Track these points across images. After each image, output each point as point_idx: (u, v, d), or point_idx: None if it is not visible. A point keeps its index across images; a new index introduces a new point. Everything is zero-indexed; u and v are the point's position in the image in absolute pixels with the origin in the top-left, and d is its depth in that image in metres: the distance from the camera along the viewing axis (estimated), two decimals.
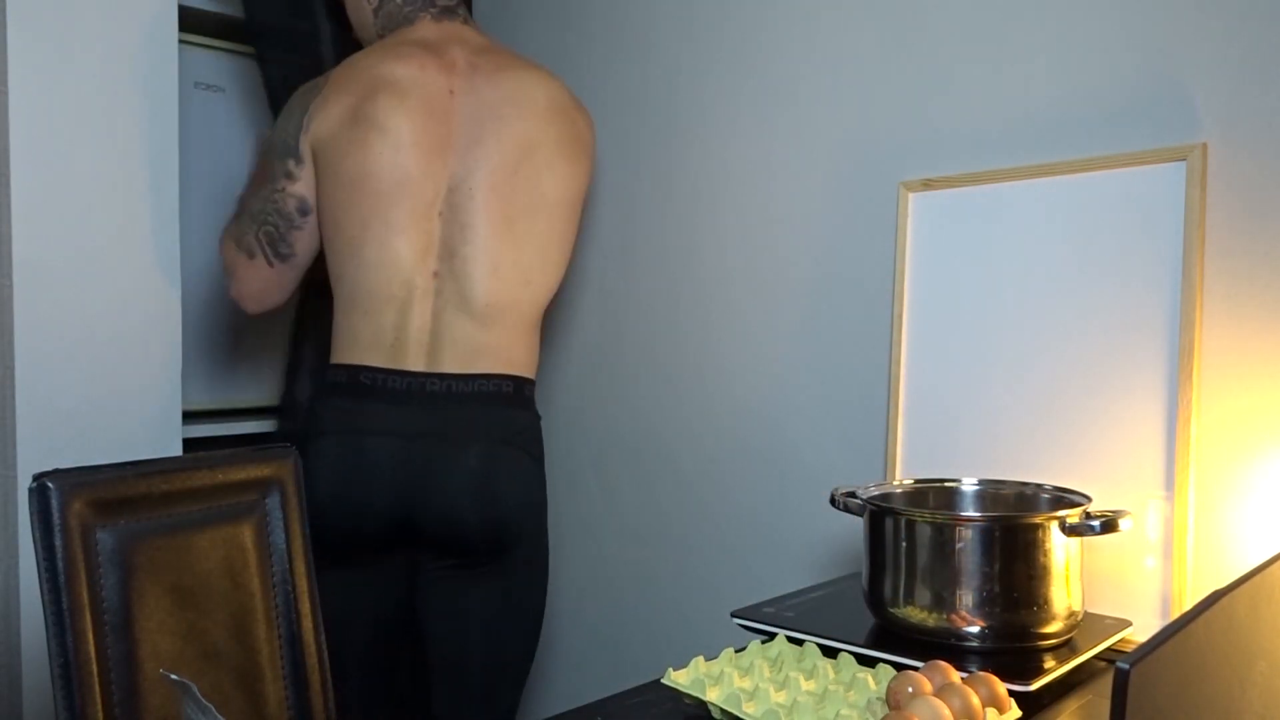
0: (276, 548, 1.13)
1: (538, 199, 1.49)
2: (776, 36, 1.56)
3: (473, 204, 1.46)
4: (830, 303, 1.50)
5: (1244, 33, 1.12)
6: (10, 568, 1.38)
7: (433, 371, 1.45)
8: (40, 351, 1.40)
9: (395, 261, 1.43)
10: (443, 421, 1.44)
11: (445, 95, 1.48)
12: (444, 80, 1.49)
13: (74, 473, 0.96)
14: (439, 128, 1.46)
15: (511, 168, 1.47)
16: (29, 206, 1.39)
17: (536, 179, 1.49)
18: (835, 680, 0.93)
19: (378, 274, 1.44)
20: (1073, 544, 1.00)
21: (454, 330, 1.45)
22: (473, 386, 1.46)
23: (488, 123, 1.48)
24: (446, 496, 1.44)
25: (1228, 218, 1.13)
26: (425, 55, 1.50)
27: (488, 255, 1.45)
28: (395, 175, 1.43)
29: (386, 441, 1.43)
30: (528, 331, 1.52)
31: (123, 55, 1.47)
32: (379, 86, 1.46)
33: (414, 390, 1.44)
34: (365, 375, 1.45)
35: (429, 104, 1.46)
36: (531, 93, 1.51)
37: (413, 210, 1.44)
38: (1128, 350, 1.18)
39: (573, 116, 1.55)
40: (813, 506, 1.52)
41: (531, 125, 1.49)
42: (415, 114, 1.45)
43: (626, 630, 1.80)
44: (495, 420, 1.46)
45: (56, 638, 0.92)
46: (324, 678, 1.15)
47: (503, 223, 1.46)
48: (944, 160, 1.37)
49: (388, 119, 1.44)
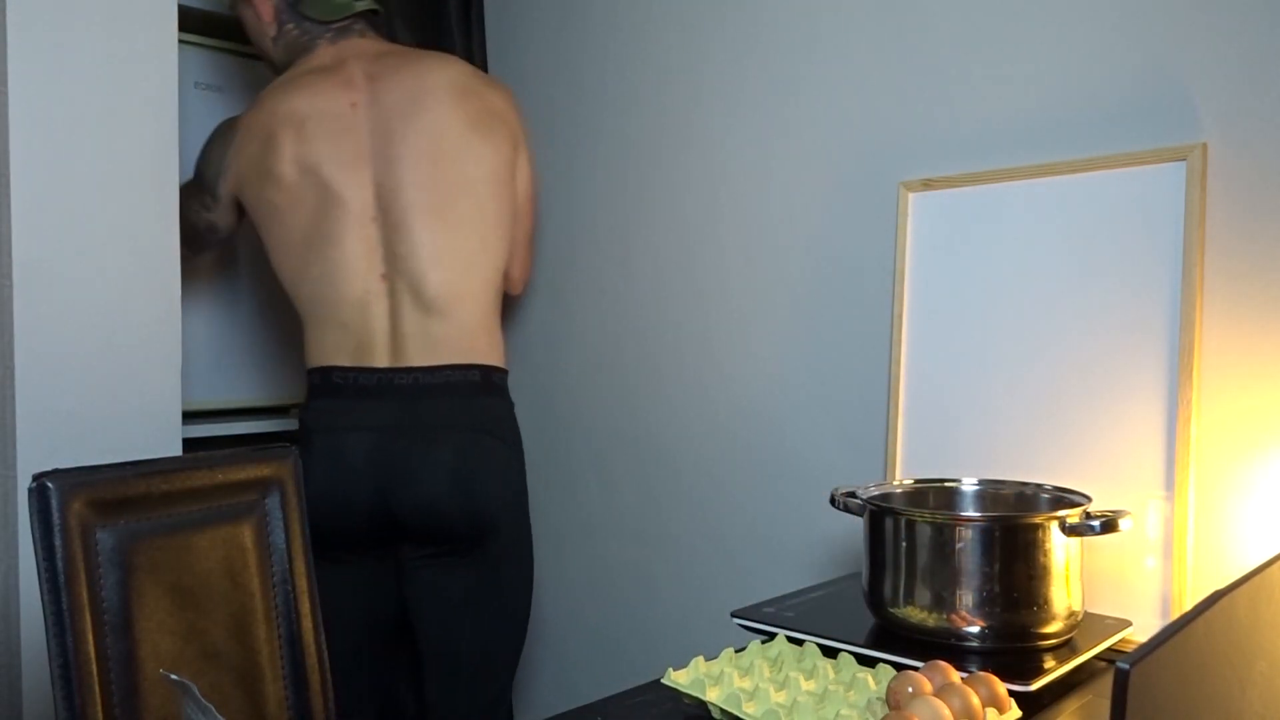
0: (276, 548, 1.13)
1: (461, 184, 1.53)
2: (776, 37, 1.56)
3: (401, 204, 1.51)
4: (830, 303, 1.50)
5: (1244, 33, 1.12)
6: (10, 568, 1.38)
7: (398, 366, 1.50)
8: (40, 351, 1.40)
9: (341, 272, 1.50)
10: (414, 414, 1.49)
11: (348, 111, 1.54)
12: (343, 97, 1.55)
13: (74, 473, 0.96)
14: (348, 143, 1.52)
15: (428, 160, 1.52)
16: (29, 206, 1.39)
17: (455, 164, 1.53)
18: (835, 680, 0.93)
19: (329, 287, 1.51)
20: (1073, 544, 1.00)
21: (413, 326, 1.51)
22: (440, 378, 1.50)
23: (394, 124, 1.53)
24: (423, 487, 1.48)
25: (1228, 218, 1.13)
26: (321, 80, 1.56)
27: (427, 250, 1.51)
28: (318, 198, 1.51)
29: (362, 437, 1.48)
30: (486, 319, 1.56)
31: (123, 55, 1.47)
32: (280, 124, 1.53)
33: (383, 385, 1.50)
34: (336, 375, 1.52)
35: (331, 124, 1.53)
36: (430, 83, 1.55)
37: (345, 222, 1.50)
38: (1128, 350, 1.18)
39: (479, 92, 1.58)
40: (813, 506, 1.52)
41: (437, 114, 1.53)
42: (319, 138, 1.52)
43: (626, 630, 1.80)
44: (466, 409, 1.51)
45: (56, 638, 0.92)
46: (324, 678, 1.15)
47: (433, 215, 1.51)
48: (944, 160, 1.37)
49: (293, 150, 1.52)
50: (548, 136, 1.94)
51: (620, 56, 1.80)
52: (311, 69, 1.59)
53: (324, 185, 1.51)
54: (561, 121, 1.91)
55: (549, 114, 1.93)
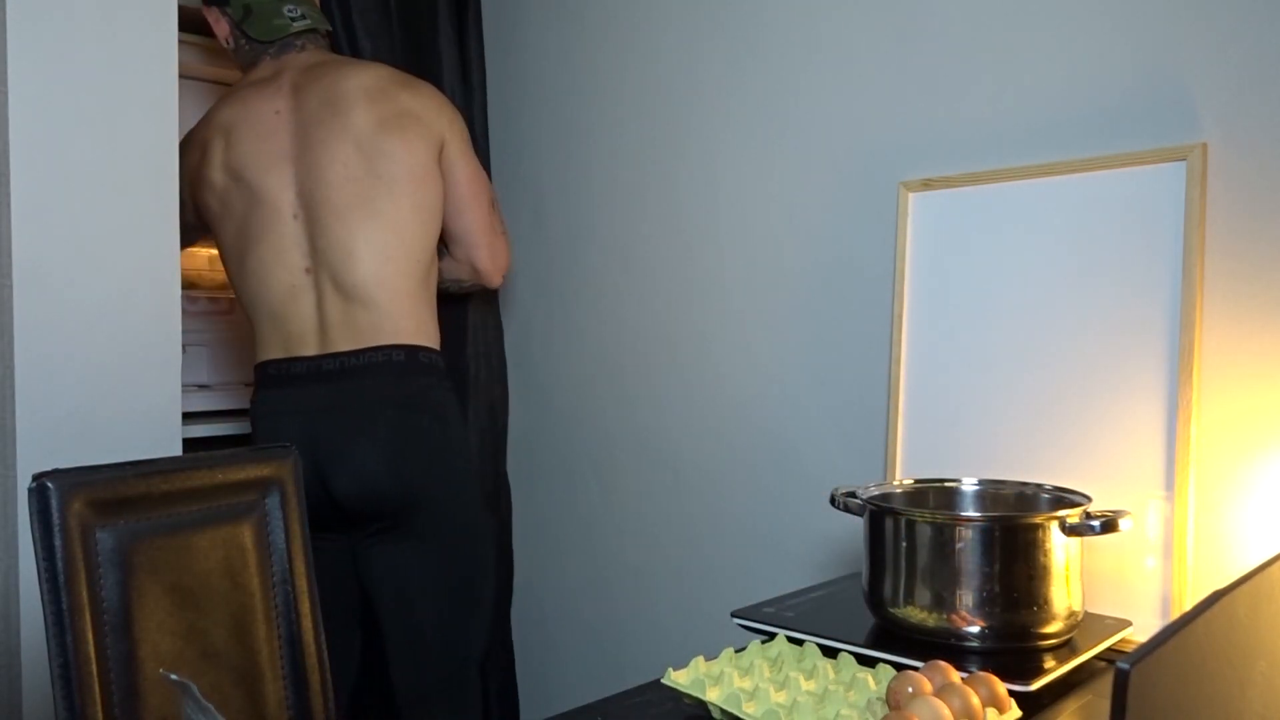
0: (276, 548, 1.13)
1: (377, 182, 1.60)
2: (776, 37, 1.56)
3: (319, 202, 1.60)
4: (830, 303, 1.50)
5: (1244, 33, 1.12)
6: (10, 568, 1.38)
7: (326, 353, 1.59)
8: (40, 351, 1.40)
9: (268, 267, 1.60)
10: (342, 396, 1.57)
11: (271, 116, 1.64)
12: (268, 104, 1.65)
13: (74, 473, 0.96)
14: (271, 145, 1.62)
15: (343, 161, 1.60)
16: (29, 206, 1.39)
17: (371, 163, 1.60)
18: (835, 680, 0.93)
19: (259, 281, 1.60)
20: (1073, 544, 1.00)
21: (337, 315, 1.59)
22: (364, 360, 1.58)
23: (312, 128, 1.62)
24: (355, 464, 1.55)
25: (1228, 218, 1.13)
26: (253, 91, 1.67)
27: (343, 244, 1.58)
28: (245, 200, 1.61)
29: (296, 421, 1.57)
30: (409, 303, 1.62)
31: (123, 55, 1.47)
32: (213, 133, 1.65)
33: (311, 372, 1.59)
34: (271, 367, 1.61)
35: (255, 129, 1.63)
36: (345, 88, 1.63)
37: (269, 220, 1.60)
38: (1128, 350, 1.18)
39: (393, 94, 1.65)
40: (813, 506, 1.52)
41: (350, 117, 1.61)
42: (243, 142, 1.62)
43: (626, 630, 1.80)
44: (393, 387, 1.58)
45: (56, 638, 0.92)
46: (324, 678, 1.15)
47: (350, 212, 1.59)
48: (944, 160, 1.37)
49: (221, 156, 1.63)
50: (547, 137, 1.94)
51: (619, 56, 1.80)
52: (252, 81, 1.71)
53: (249, 187, 1.61)
54: (561, 122, 1.91)
55: (548, 114, 1.93)
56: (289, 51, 1.72)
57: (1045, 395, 1.24)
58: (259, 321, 1.63)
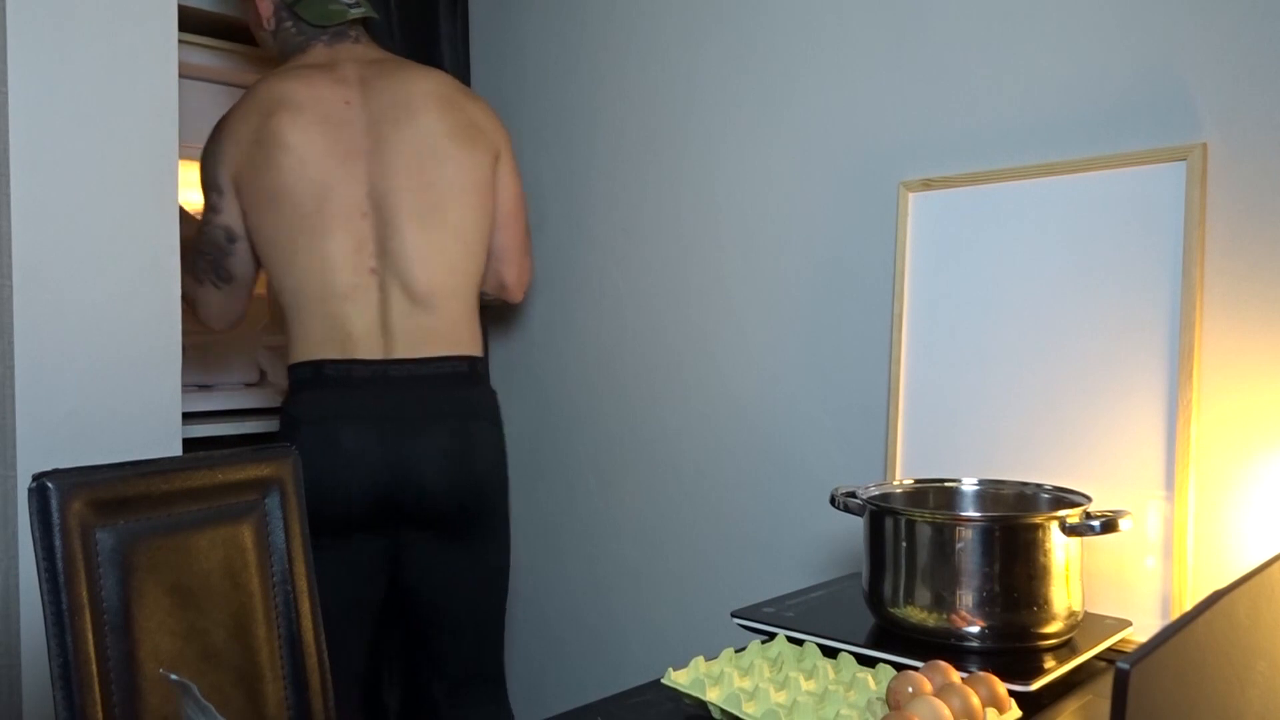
0: (276, 548, 1.13)
1: (445, 190, 1.60)
2: (776, 36, 1.56)
3: (391, 202, 1.57)
4: (830, 303, 1.50)
5: (1244, 33, 1.12)
6: (10, 568, 1.38)
7: (389, 359, 1.56)
8: (40, 351, 1.40)
9: (330, 264, 1.54)
10: (410, 404, 1.56)
11: (342, 106, 1.59)
12: (337, 92, 1.60)
13: (74, 473, 0.96)
14: (344, 136, 1.57)
15: (416, 165, 1.59)
16: (29, 206, 1.39)
17: (440, 171, 1.60)
18: (835, 680, 0.93)
19: (317, 278, 1.54)
20: (1073, 544, 1.00)
21: (401, 320, 1.56)
22: (430, 369, 1.58)
23: (385, 127, 1.59)
24: (424, 474, 1.55)
25: (1228, 218, 1.13)
26: (317, 74, 1.61)
27: (415, 248, 1.57)
28: (311, 188, 1.54)
29: (359, 427, 1.53)
30: (468, 314, 1.63)
31: (123, 55, 1.47)
32: (275, 107, 1.56)
33: (376, 377, 1.55)
34: (328, 368, 1.55)
35: (327, 117, 1.57)
36: (417, 90, 1.62)
37: (336, 215, 1.54)
38: (1128, 350, 1.18)
39: (461, 105, 1.65)
40: (813, 506, 1.52)
41: (423, 122, 1.60)
42: (314, 127, 1.56)
43: (626, 630, 1.80)
44: (458, 398, 1.59)
45: (56, 638, 0.92)
46: (324, 678, 1.15)
47: (420, 217, 1.58)
48: (944, 160, 1.37)
49: (289, 135, 1.55)
50: (545, 137, 1.94)
51: (617, 55, 1.80)
52: (307, 63, 1.64)
53: (319, 176, 1.54)
54: (559, 121, 1.91)
55: (547, 114, 1.93)
56: (344, 41, 1.68)
57: (1045, 395, 1.24)
58: (306, 317, 1.56)
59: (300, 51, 1.67)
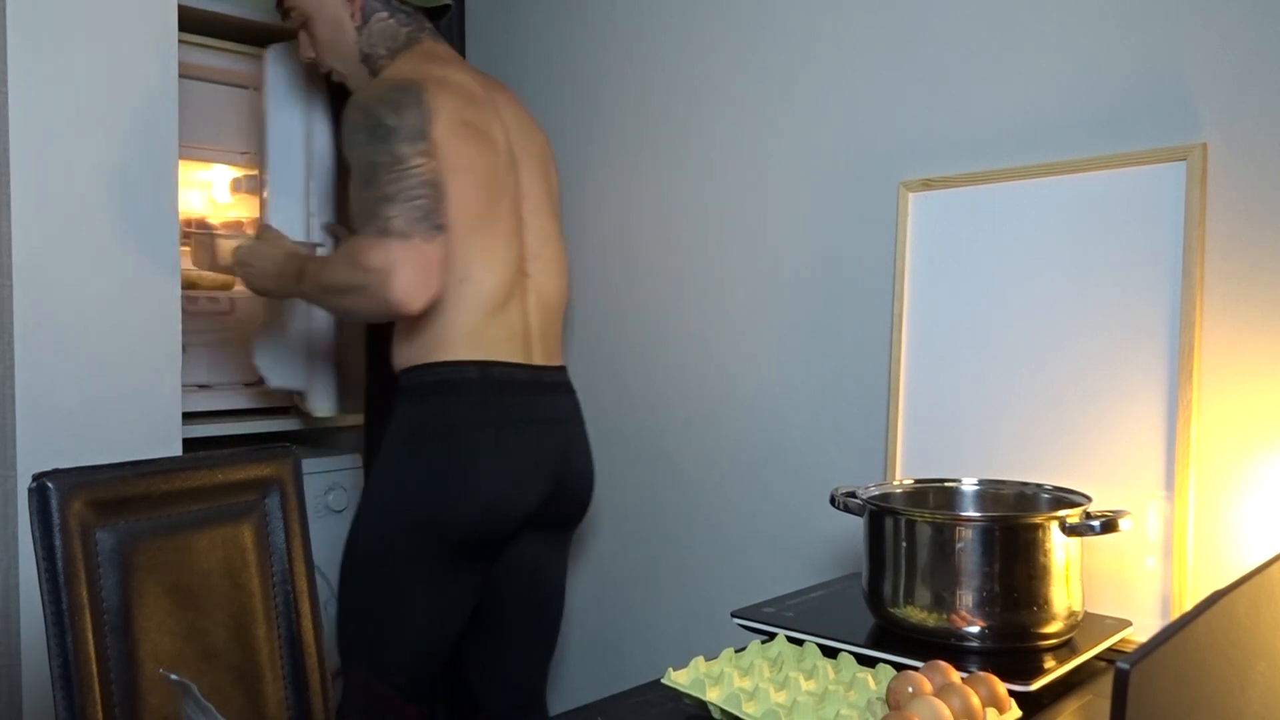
0: (276, 548, 1.13)
1: (551, 204, 1.66)
2: (776, 36, 1.56)
3: (532, 210, 1.60)
4: (830, 303, 1.50)
5: (1244, 33, 1.12)
6: (10, 568, 1.38)
7: (539, 364, 1.58)
8: (40, 351, 1.40)
9: (508, 263, 1.53)
10: (560, 409, 1.61)
11: (493, 112, 1.57)
12: (486, 94, 1.59)
13: (74, 473, 0.96)
14: (501, 139, 1.57)
15: (540, 176, 1.64)
16: (29, 206, 1.39)
17: (548, 185, 1.66)
18: (835, 680, 0.93)
19: (498, 274, 1.51)
20: (1073, 544, 1.00)
21: (541, 326, 1.60)
22: (561, 377, 1.63)
23: (518, 138, 1.61)
24: (576, 475, 1.61)
25: (1228, 218, 1.13)
26: (464, 75, 1.57)
27: (552, 261, 1.62)
28: (502, 183, 1.54)
29: (535, 430, 1.54)
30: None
31: (123, 55, 1.47)
32: (470, 98, 1.52)
33: (534, 381, 1.57)
34: (497, 370, 1.50)
35: (490, 117, 1.56)
36: (521, 109, 1.67)
37: (504, 216, 1.54)
38: (1128, 350, 1.18)
39: (541, 128, 1.72)
40: (813, 506, 1.52)
41: (536, 140, 1.66)
42: (496, 125, 1.56)
43: (626, 630, 1.80)
44: (575, 405, 1.66)
45: (56, 638, 0.92)
46: (323, 678, 1.15)
47: (551, 232, 1.64)
48: (944, 160, 1.37)
49: (490, 128, 1.54)
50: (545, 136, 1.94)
51: (617, 55, 1.80)
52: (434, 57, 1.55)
53: (502, 176, 1.54)
54: (558, 122, 1.91)
55: (546, 114, 1.93)
56: (441, 41, 1.63)
57: (1045, 395, 1.24)
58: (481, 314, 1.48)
59: (408, 45, 1.57)
